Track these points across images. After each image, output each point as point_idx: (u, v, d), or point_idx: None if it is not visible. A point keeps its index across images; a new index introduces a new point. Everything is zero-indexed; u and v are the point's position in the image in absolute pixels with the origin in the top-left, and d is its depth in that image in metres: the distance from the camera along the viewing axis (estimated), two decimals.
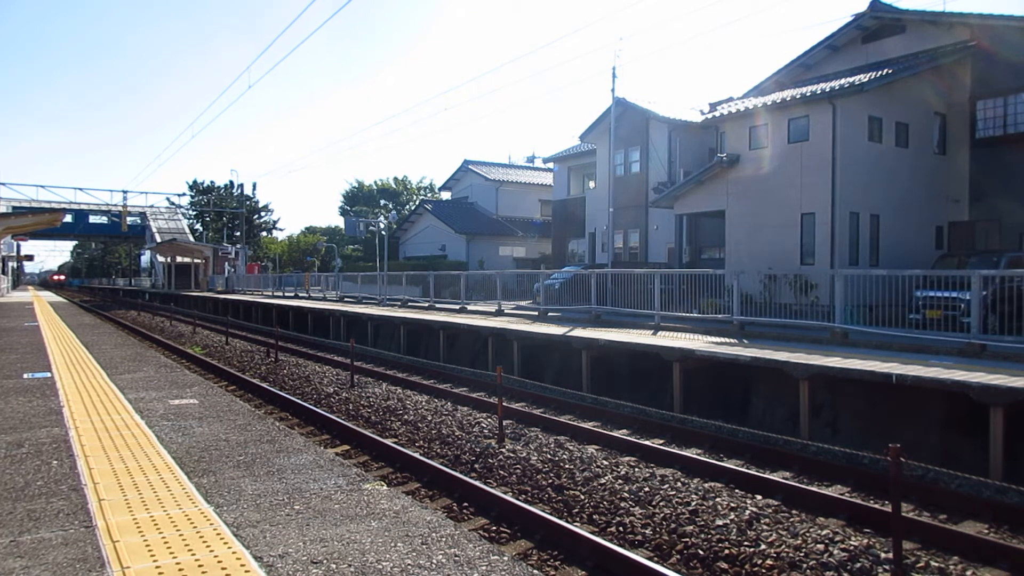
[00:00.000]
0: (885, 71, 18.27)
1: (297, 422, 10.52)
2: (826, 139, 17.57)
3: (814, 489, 6.98)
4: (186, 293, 49.04)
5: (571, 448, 8.38)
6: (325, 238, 64.03)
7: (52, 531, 3.91)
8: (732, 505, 6.29)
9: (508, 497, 6.67)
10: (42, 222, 35.77)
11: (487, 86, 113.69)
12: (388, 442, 8.84)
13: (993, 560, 5.43)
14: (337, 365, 16.15)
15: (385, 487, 4.90)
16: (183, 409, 7.50)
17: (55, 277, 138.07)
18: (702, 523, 5.94)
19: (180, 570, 3.39)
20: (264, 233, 71.46)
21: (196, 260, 57.70)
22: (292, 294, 37.61)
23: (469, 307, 22.20)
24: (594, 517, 6.38)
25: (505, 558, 3.67)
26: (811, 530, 5.74)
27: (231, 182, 63.12)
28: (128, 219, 54.50)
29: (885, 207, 18.16)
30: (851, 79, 17.89)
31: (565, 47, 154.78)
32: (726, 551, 5.45)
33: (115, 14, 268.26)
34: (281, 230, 75.74)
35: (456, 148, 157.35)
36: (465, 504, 6.73)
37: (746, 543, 5.53)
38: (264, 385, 13.23)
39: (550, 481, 7.28)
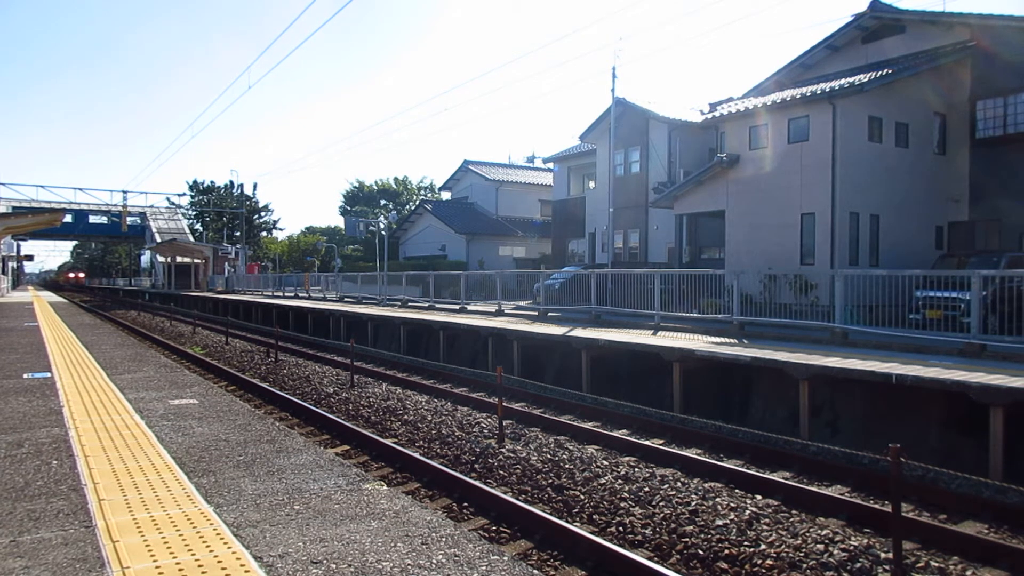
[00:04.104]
0: (885, 71, 18.27)
1: (297, 422, 10.52)
2: (826, 139, 17.57)
3: (814, 489, 6.98)
4: (186, 293, 49.03)
5: (571, 448, 8.38)
6: (325, 238, 63.98)
7: (52, 531, 3.91)
8: (732, 505, 6.29)
9: (508, 497, 6.67)
10: (42, 222, 35.80)
11: (487, 86, 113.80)
12: (388, 442, 8.84)
13: (993, 560, 5.43)
14: (337, 365, 16.14)
15: (385, 487, 4.90)
16: (183, 409, 7.50)
17: (70, 275, 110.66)
18: (702, 523, 5.94)
19: (180, 570, 3.39)
20: (264, 233, 71.39)
21: (196, 260, 57.70)
22: (292, 294, 37.60)
23: (469, 307, 22.20)
24: (594, 517, 6.37)
25: (505, 558, 3.67)
26: (811, 530, 5.74)
27: (231, 182, 63.14)
28: (128, 219, 54.48)
29: (885, 207, 18.16)
30: (851, 79, 17.89)
31: (565, 47, 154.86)
32: (726, 551, 5.45)
33: (115, 14, 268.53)
34: (281, 230, 75.76)
35: (456, 148, 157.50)
36: (465, 504, 6.73)
37: (746, 543, 5.53)
38: (264, 385, 13.22)
39: (550, 481, 7.28)
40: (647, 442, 8.92)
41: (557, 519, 6.06)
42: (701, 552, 5.49)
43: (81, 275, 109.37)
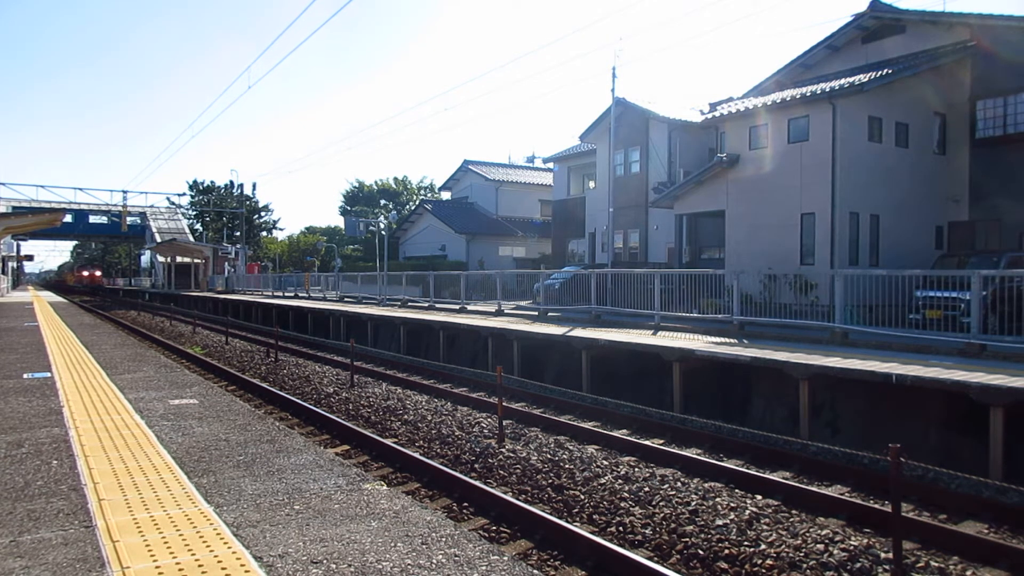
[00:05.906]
0: (885, 71, 18.27)
1: (297, 422, 10.52)
2: (826, 139, 17.57)
3: (814, 489, 6.98)
4: (186, 293, 49.03)
5: (571, 448, 8.38)
6: (325, 238, 64.02)
7: (52, 531, 3.91)
8: (732, 505, 6.29)
9: (508, 497, 6.67)
10: (42, 222, 35.83)
11: (487, 86, 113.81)
12: (388, 442, 8.84)
13: (993, 560, 5.43)
14: (337, 365, 16.14)
15: (385, 487, 4.90)
16: (183, 409, 7.50)
17: (83, 273, 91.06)
18: (702, 523, 5.93)
19: (180, 570, 3.39)
20: (264, 233, 71.42)
21: (196, 260, 57.70)
22: (292, 294, 37.59)
23: (469, 307, 22.20)
24: (594, 517, 6.37)
25: (505, 558, 3.67)
26: (811, 530, 5.74)
27: (231, 182, 63.07)
28: (128, 219, 54.45)
29: (885, 207, 18.15)
30: (851, 79, 17.88)
31: (565, 47, 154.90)
32: (726, 551, 5.45)
33: (115, 14, 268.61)
34: (281, 230, 75.82)
35: (456, 148, 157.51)
36: (465, 504, 6.73)
37: (746, 543, 5.53)
38: (264, 385, 13.22)
39: (550, 481, 7.27)
40: (647, 442, 8.92)
41: (557, 519, 6.06)
42: (701, 552, 5.49)
43: (97, 273, 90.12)
